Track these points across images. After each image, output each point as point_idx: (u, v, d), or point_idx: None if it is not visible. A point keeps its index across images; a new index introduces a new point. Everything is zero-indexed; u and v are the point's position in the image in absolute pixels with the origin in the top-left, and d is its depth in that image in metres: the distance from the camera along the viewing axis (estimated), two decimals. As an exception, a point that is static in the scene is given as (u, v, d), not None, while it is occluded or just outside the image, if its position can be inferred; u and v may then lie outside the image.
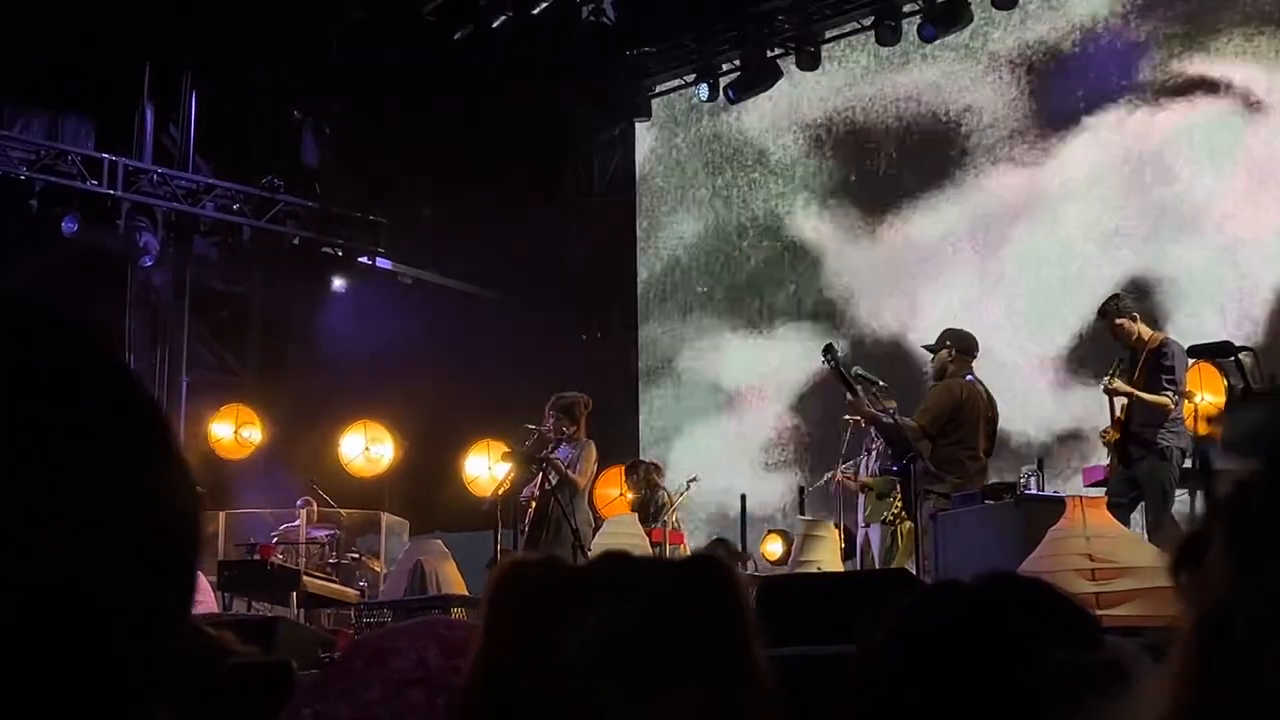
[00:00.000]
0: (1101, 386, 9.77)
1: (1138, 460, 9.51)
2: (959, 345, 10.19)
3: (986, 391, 10.21)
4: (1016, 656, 1.50)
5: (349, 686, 1.68)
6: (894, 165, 15.86)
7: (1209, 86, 13.81)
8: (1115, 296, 10.03)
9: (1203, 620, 0.90)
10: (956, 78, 15.43)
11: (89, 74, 14.59)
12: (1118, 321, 9.75)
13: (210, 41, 15.74)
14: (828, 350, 9.84)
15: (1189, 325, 12.60)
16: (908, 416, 9.89)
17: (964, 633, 1.53)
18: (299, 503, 13.25)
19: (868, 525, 11.80)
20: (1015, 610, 1.55)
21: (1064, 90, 14.70)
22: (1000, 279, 14.83)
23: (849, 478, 11.97)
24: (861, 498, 11.93)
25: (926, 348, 10.47)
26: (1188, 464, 9.55)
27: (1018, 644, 1.51)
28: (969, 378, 10.13)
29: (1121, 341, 9.81)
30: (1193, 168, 13.76)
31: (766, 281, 16.71)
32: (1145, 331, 9.71)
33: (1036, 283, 14.56)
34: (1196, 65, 13.91)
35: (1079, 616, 1.60)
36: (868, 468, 11.96)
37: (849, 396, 9.81)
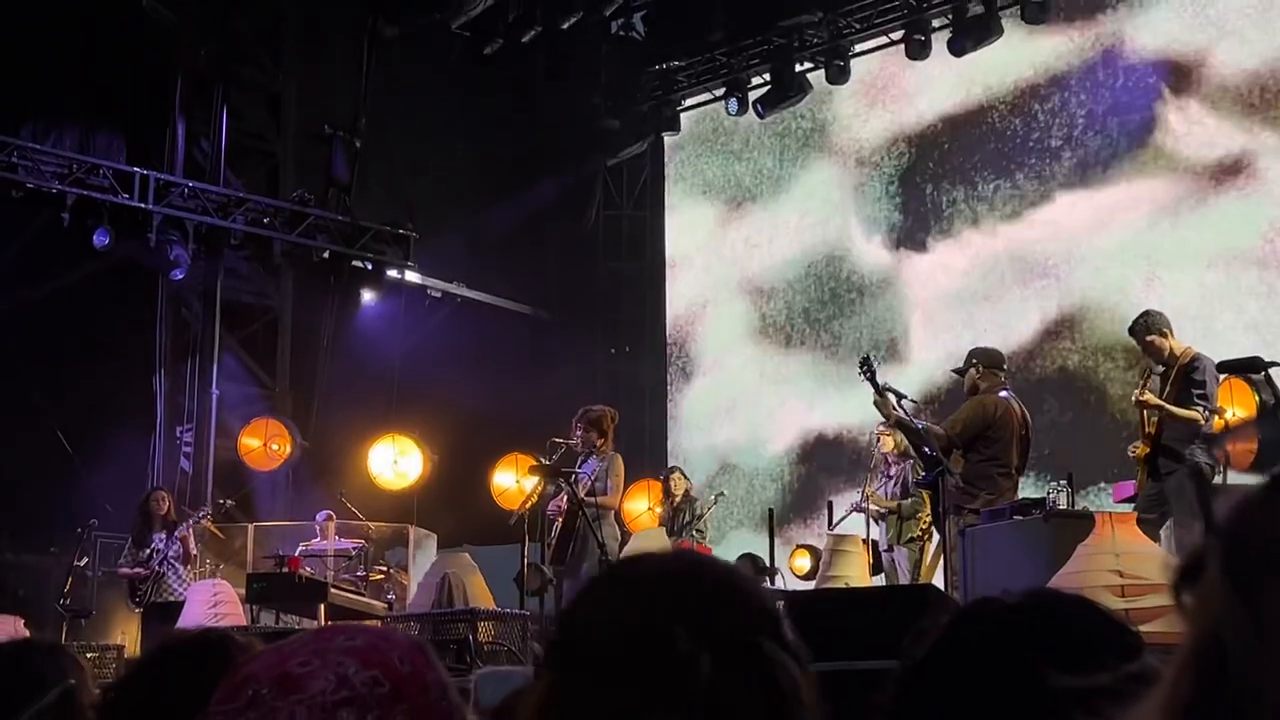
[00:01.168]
0: (1132, 399, 9.72)
1: (1167, 475, 9.46)
2: (985, 361, 10.17)
3: (1021, 407, 10.17)
4: (1058, 675, 1.48)
5: (262, 718, 1.54)
6: (928, 182, 15.83)
7: None
8: (1145, 313, 9.97)
9: (1198, 644, 0.89)
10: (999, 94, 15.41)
11: (121, 88, 14.67)
12: (1148, 338, 9.70)
13: (241, 56, 15.83)
14: (864, 362, 9.85)
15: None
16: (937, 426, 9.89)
17: (1007, 651, 1.52)
18: (319, 516, 13.27)
19: (892, 548, 11.80)
20: (1059, 629, 1.54)
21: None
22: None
23: (874, 499, 11.97)
24: (884, 523, 11.94)
25: (955, 371, 10.46)
26: (1218, 479, 9.49)
27: (1060, 663, 1.49)
28: (1003, 394, 10.10)
29: (1153, 358, 9.75)
30: None
31: (797, 297, 16.69)
32: (1177, 347, 9.65)
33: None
34: None
35: (1124, 635, 1.59)
36: (888, 493, 11.97)
37: (876, 397, 9.80)
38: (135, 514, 12.85)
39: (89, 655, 10.91)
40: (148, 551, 12.48)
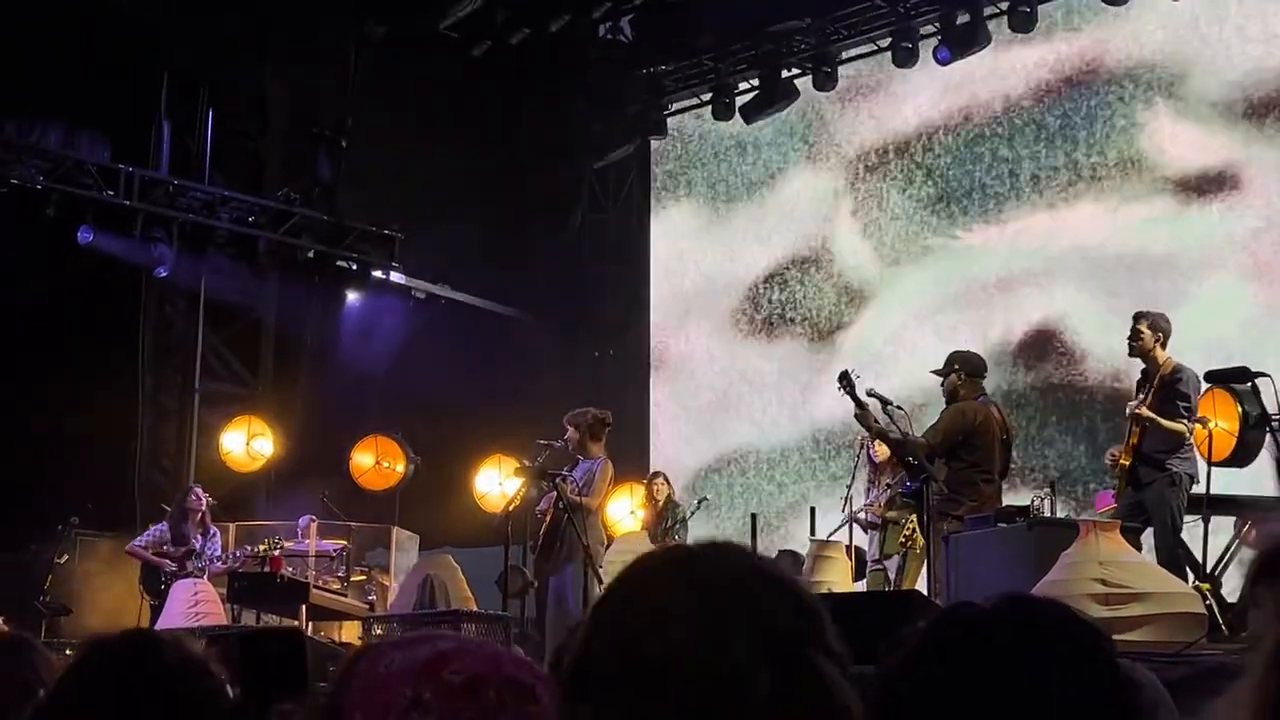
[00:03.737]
0: (1128, 410, 9.74)
1: (1147, 484, 9.49)
2: (966, 368, 10.16)
3: (1001, 413, 10.18)
4: (1032, 681, 1.48)
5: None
6: (916, 187, 15.84)
7: None
8: (1158, 314, 9.95)
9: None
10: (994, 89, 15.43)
11: (106, 86, 14.62)
12: (1143, 331, 9.68)
13: (228, 55, 15.78)
14: (843, 377, 9.83)
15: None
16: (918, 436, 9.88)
17: (981, 656, 1.52)
18: (301, 521, 13.23)
19: (887, 558, 11.73)
20: (1032, 634, 1.54)
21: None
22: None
23: (872, 509, 11.90)
24: (875, 532, 11.88)
25: (935, 372, 10.43)
26: (1196, 489, 9.52)
27: (1034, 668, 1.49)
28: (981, 399, 10.11)
29: (1137, 356, 9.78)
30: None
31: (781, 300, 16.69)
32: (1161, 355, 9.68)
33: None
34: None
35: (1095, 639, 1.59)
36: (881, 503, 11.91)
37: (856, 410, 9.80)
38: (174, 507, 12.80)
39: (67, 652, 10.89)
40: (183, 550, 12.41)
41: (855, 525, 12.09)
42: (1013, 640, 1.53)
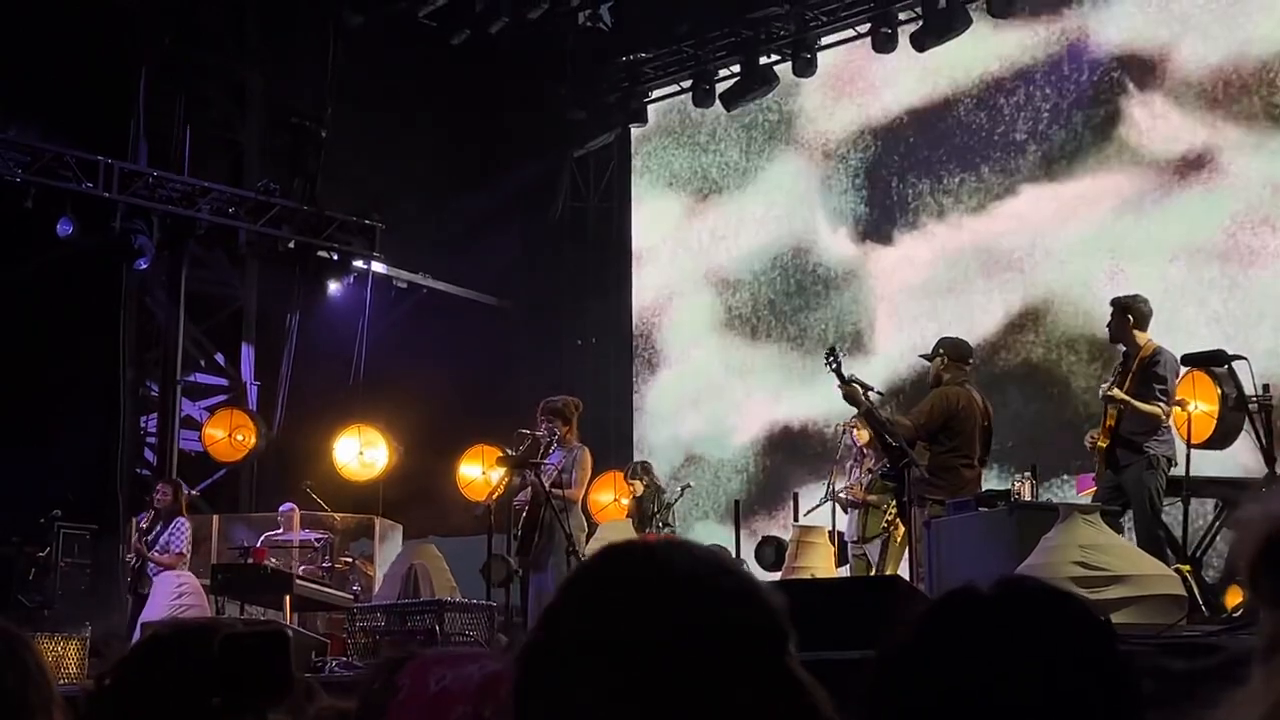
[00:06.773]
0: (1100, 393, 9.77)
1: (1125, 466, 9.52)
2: (951, 353, 10.20)
3: (983, 399, 10.22)
4: (1038, 666, 1.49)
5: None
6: (894, 175, 15.87)
7: None
8: (1136, 296, 10.00)
9: None
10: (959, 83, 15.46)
11: (85, 77, 14.58)
12: (1122, 315, 9.72)
13: (205, 44, 15.74)
14: (830, 353, 9.88)
15: None
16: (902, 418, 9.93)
17: (986, 640, 1.52)
18: (283, 508, 13.21)
19: (868, 541, 11.75)
20: (1037, 618, 1.55)
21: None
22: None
23: (852, 491, 11.93)
24: (855, 512, 11.91)
25: (923, 356, 10.50)
26: (1175, 472, 9.56)
27: (1037, 652, 1.50)
28: (964, 385, 10.14)
29: (1115, 340, 9.82)
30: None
31: (763, 289, 16.71)
32: (1142, 338, 9.71)
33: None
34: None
35: (1096, 624, 1.60)
36: (863, 485, 11.94)
37: (843, 387, 9.82)
38: (149, 507, 12.79)
39: (48, 646, 10.86)
40: (136, 537, 12.37)
41: (837, 507, 12.11)
42: (1015, 624, 1.54)
